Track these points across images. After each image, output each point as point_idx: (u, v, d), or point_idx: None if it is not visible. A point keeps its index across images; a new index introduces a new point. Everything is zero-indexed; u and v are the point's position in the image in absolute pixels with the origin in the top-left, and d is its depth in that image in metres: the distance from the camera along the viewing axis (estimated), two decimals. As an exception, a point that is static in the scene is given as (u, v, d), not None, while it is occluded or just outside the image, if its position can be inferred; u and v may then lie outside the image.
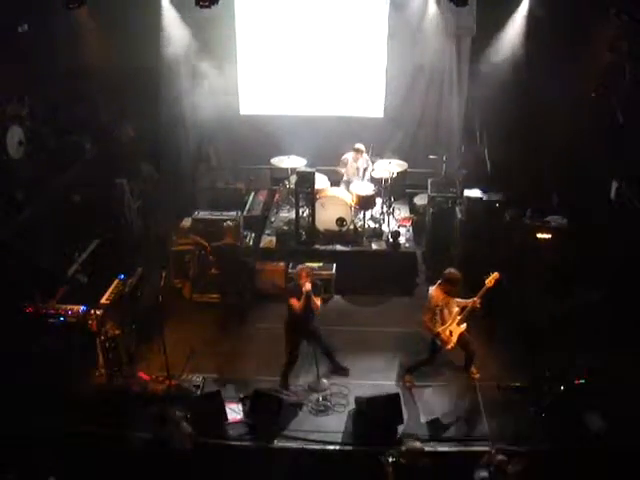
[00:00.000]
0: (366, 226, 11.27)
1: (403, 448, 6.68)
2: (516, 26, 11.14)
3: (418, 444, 6.81)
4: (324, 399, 8.21)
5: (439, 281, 8.00)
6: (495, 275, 7.85)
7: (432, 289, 8.09)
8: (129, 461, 7.14)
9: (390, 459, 6.59)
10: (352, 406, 8.05)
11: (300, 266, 8.36)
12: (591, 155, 10.54)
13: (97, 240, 10.35)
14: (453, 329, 7.99)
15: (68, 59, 11.25)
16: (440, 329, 7.95)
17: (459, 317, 7.97)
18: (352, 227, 11.15)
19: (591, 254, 9.78)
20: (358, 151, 11.57)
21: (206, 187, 12.33)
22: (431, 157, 12.19)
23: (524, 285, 9.65)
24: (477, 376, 8.57)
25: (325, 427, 7.83)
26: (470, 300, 7.92)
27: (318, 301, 8.28)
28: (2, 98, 9.96)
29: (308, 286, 8.03)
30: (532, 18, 10.96)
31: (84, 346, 8.48)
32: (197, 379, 8.49)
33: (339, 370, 8.75)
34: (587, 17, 10.33)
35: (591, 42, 10.57)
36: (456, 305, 8.00)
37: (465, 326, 8.05)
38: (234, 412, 7.87)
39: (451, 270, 7.98)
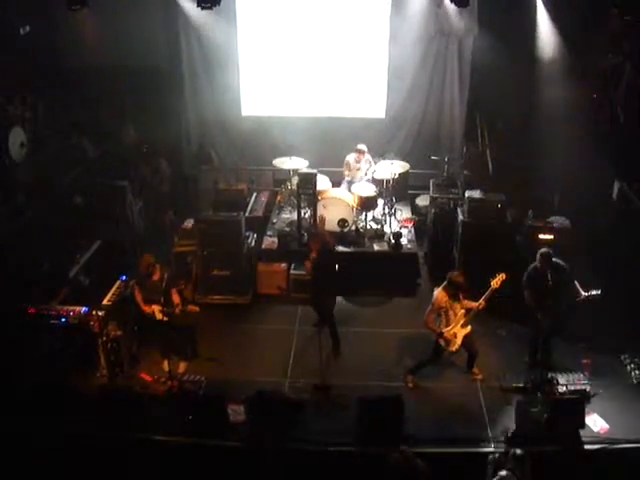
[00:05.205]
0: (368, 227, 11.25)
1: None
2: (518, 26, 11.12)
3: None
4: (326, 400, 8.19)
5: (444, 283, 7.98)
6: (502, 276, 7.79)
7: (437, 291, 8.05)
8: (129, 461, 7.11)
9: None
10: (354, 407, 8.02)
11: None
12: (593, 155, 10.54)
13: (99, 241, 10.34)
14: (457, 331, 7.96)
15: (70, 59, 11.25)
16: (444, 330, 7.95)
17: (464, 319, 7.95)
18: (354, 228, 11.13)
19: (594, 254, 9.76)
20: (360, 151, 11.56)
21: (208, 188, 12.33)
22: (433, 158, 12.17)
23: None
24: (480, 377, 8.55)
25: (327, 428, 7.78)
26: (475, 303, 7.90)
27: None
28: (4, 99, 9.97)
29: (313, 255, 8.71)
30: (534, 18, 10.95)
31: (86, 347, 8.50)
32: (199, 380, 8.47)
33: (335, 352, 9.07)
34: (589, 17, 10.34)
35: (593, 42, 10.58)
36: (461, 307, 7.97)
37: (470, 328, 8.03)
38: (236, 413, 7.85)
39: (455, 273, 7.96)
